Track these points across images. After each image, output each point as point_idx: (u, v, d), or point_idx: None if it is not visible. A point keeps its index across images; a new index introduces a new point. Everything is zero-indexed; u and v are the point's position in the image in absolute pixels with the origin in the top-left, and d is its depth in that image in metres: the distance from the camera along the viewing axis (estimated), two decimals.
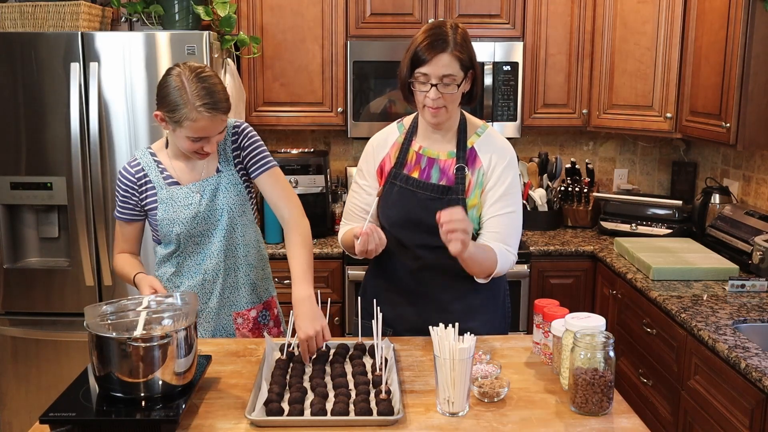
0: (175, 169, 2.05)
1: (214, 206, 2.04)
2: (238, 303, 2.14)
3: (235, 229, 2.08)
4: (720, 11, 2.81)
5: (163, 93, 1.89)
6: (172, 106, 1.87)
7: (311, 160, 3.41)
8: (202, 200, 2.03)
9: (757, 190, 3.14)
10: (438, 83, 1.88)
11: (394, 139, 2.09)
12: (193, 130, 1.88)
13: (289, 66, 3.41)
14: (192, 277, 2.08)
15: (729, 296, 2.53)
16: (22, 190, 2.96)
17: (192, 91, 1.85)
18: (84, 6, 2.95)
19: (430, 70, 1.87)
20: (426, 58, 1.86)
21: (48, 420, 1.45)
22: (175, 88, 1.86)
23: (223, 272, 2.09)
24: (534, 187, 3.63)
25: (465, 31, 1.94)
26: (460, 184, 1.97)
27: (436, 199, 1.97)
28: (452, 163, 2.00)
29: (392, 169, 2.04)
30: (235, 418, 1.55)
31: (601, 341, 1.56)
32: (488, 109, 3.40)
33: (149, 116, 2.91)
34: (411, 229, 2.01)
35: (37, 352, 3.06)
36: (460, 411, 1.57)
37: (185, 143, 1.93)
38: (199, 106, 1.85)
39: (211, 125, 1.89)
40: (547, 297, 2.26)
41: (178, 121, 1.87)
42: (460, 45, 1.89)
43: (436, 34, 1.88)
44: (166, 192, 2.02)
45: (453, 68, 1.88)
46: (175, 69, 1.90)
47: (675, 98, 3.21)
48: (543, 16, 3.42)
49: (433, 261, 2.01)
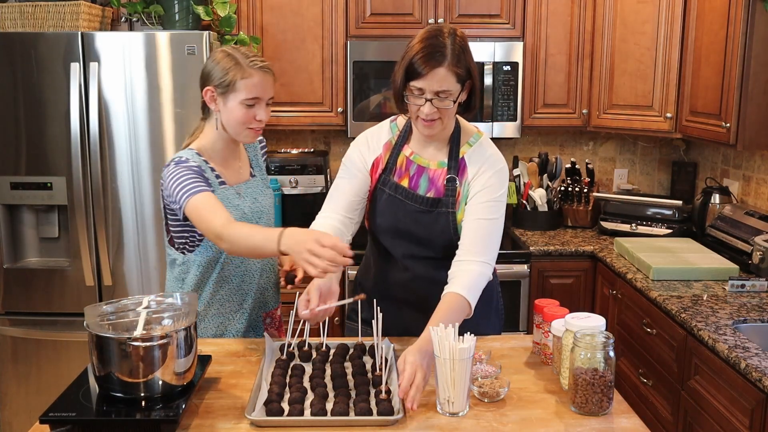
0: (221, 170, 2.01)
1: (256, 208, 2.06)
2: (267, 303, 2.16)
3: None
4: (720, 11, 2.81)
5: (209, 68, 1.93)
6: (223, 72, 1.89)
7: (311, 160, 3.41)
8: (244, 202, 2.03)
9: (757, 190, 3.14)
10: (433, 98, 1.79)
11: (386, 138, 2.01)
12: (247, 89, 1.89)
13: (289, 66, 3.41)
14: (232, 280, 2.06)
15: (729, 296, 2.53)
16: (22, 190, 2.96)
17: (240, 55, 1.91)
18: (84, 6, 2.95)
19: (424, 84, 1.77)
20: (421, 71, 1.76)
21: (48, 420, 1.45)
22: (222, 59, 1.91)
23: (259, 273, 2.10)
24: (534, 187, 3.63)
25: (464, 39, 1.82)
26: (450, 197, 1.91)
27: (425, 211, 1.92)
28: (442, 173, 1.93)
29: (381, 174, 1.97)
30: (235, 418, 1.55)
31: (601, 341, 1.56)
32: (488, 109, 3.40)
33: (149, 116, 2.91)
34: (399, 239, 1.97)
35: (37, 352, 3.06)
36: (460, 411, 1.57)
37: (239, 112, 1.90)
38: (250, 63, 1.89)
39: (265, 82, 1.92)
40: (547, 297, 2.26)
41: (232, 83, 1.88)
42: (458, 57, 1.78)
43: (432, 45, 1.76)
44: (220, 192, 1.96)
45: (449, 83, 1.78)
46: (218, 49, 1.96)
47: (675, 98, 3.21)
48: (543, 16, 3.42)
49: (421, 272, 1.98)
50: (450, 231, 1.92)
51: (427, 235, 1.93)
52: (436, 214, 1.92)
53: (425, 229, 1.93)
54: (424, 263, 1.97)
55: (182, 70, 2.88)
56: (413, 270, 1.99)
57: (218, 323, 2.07)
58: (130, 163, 2.94)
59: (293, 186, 3.37)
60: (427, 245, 1.95)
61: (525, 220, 3.64)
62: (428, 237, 1.93)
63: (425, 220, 1.93)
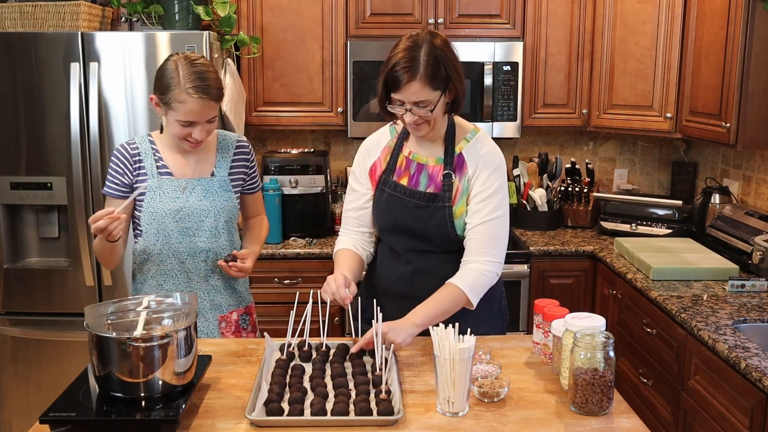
0: (170, 160, 2.07)
1: (202, 206, 2.07)
2: (221, 306, 2.17)
3: (220, 233, 2.11)
4: (720, 11, 2.81)
5: (158, 76, 1.96)
6: (164, 88, 1.92)
7: (311, 160, 3.41)
8: (189, 197, 2.05)
9: (757, 190, 3.14)
10: (412, 107, 1.85)
11: (385, 142, 2.08)
12: (182, 113, 1.92)
13: (289, 66, 3.41)
14: (176, 275, 2.10)
15: (729, 296, 2.53)
16: (22, 190, 2.96)
17: (184, 74, 1.91)
18: (84, 6, 2.95)
19: (402, 97, 1.84)
20: (398, 85, 1.83)
21: (48, 420, 1.45)
22: (169, 71, 1.93)
23: (204, 273, 2.11)
24: (534, 187, 3.63)
25: (441, 47, 1.85)
26: (447, 192, 1.96)
27: (423, 206, 1.97)
28: (440, 169, 1.98)
29: (382, 174, 2.04)
30: (235, 418, 1.55)
31: (601, 341, 1.56)
32: (488, 109, 3.40)
33: (149, 116, 2.91)
34: (400, 235, 2.03)
35: (37, 352, 3.06)
36: (460, 411, 1.57)
37: (175, 127, 1.96)
38: (189, 88, 1.90)
39: (200, 109, 1.92)
40: (547, 297, 2.26)
41: (168, 102, 1.92)
42: (432, 68, 1.82)
43: (406, 59, 1.82)
44: (157, 181, 2.04)
45: (425, 94, 1.83)
46: (172, 56, 1.98)
47: (675, 98, 3.21)
48: (543, 16, 3.42)
49: (423, 266, 2.02)
50: (447, 225, 1.96)
51: (424, 230, 1.98)
52: (433, 209, 1.96)
53: (423, 223, 1.98)
54: (425, 257, 2.02)
55: None
56: (415, 263, 2.03)
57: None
58: None
59: (293, 186, 3.37)
60: (425, 239, 2.00)
61: (525, 220, 3.64)
62: (425, 231, 1.98)
63: (423, 214, 1.97)
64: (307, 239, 3.35)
